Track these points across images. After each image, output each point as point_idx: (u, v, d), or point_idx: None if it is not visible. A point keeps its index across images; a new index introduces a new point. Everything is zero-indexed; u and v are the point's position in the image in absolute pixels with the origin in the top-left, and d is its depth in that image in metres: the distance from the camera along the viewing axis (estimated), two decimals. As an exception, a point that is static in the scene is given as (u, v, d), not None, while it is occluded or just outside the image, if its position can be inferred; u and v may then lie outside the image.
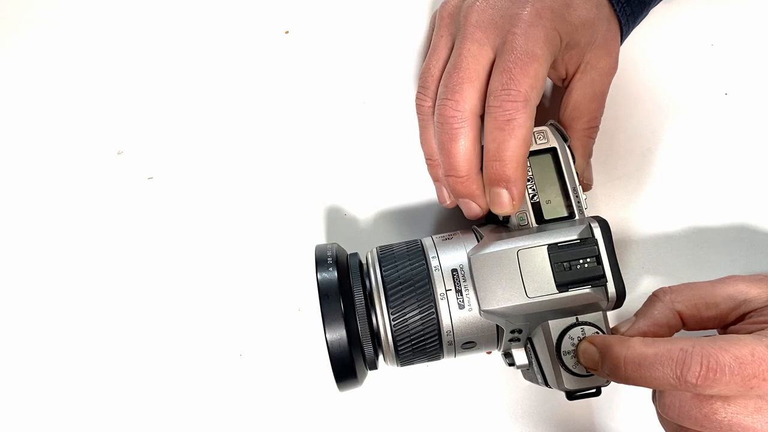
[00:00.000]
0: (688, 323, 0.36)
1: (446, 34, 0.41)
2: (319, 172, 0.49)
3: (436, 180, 0.43)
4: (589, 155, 0.43)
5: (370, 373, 0.45)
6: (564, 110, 0.42)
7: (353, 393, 0.45)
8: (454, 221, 0.47)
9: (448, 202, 0.42)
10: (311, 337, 0.46)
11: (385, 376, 0.46)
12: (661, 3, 0.46)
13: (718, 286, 0.36)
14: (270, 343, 0.47)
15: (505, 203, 0.37)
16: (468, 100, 0.37)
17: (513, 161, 0.36)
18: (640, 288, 0.45)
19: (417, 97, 0.41)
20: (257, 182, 0.49)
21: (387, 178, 0.48)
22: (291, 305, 0.47)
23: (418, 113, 0.42)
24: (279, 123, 0.50)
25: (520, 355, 0.38)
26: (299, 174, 0.49)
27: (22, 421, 0.47)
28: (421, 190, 0.47)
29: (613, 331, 0.37)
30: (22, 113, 0.51)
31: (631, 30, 0.44)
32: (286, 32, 0.51)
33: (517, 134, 0.36)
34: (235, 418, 0.46)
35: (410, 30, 0.50)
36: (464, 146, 0.37)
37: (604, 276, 0.35)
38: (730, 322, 0.36)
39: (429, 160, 0.42)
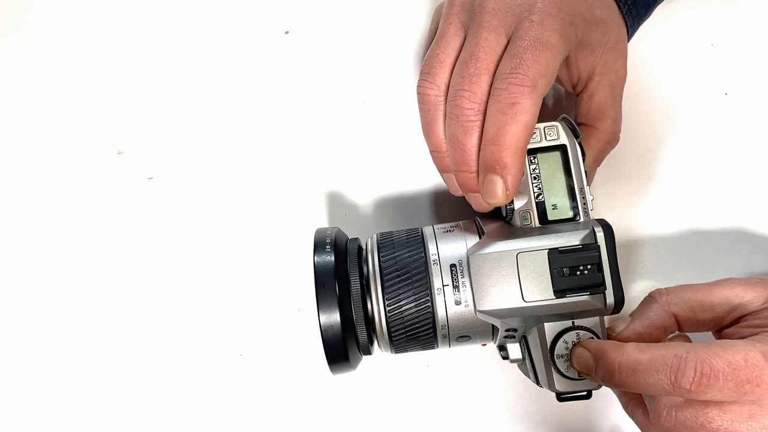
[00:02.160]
0: (683, 325, 0.36)
1: (456, 22, 0.39)
2: (320, 173, 0.49)
3: (444, 171, 0.40)
4: (600, 163, 0.43)
5: (369, 372, 0.45)
6: (587, 112, 0.42)
7: (353, 393, 0.46)
8: (458, 211, 0.47)
9: (461, 192, 0.40)
10: (311, 337, 0.46)
11: (385, 374, 0.46)
12: (661, 3, 0.47)
13: (714, 289, 0.36)
14: (270, 343, 0.47)
15: (497, 192, 0.35)
16: (485, 91, 0.36)
17: (512, 147, 0.34)
18: (639, 290, 0.46)
19: (420, 85, 0.38)
20: (257, 183, 0.49)
21: (387, 177, 0.48)
22: (291, 305, 0.47)
23: (420, 102, 0.39)
24: (279, 124, 0.50)
25: (514, 350, 0.38)
26: (299, 175, 0.49)
27: (22, 421, 0.47)
28: (420, 185, 0.48)
29: (609, 330, 0.37)
30: (22, 113, 0.52)
31: (635, 32, 0.44)
32: (286, 32, 0.52)
33: (520, 119, 0.34)
34: (235, 418, 0.46)
35: (410, 30, 0.51)
36: (478, 140, 0.36)
37: (603, 284, 0.35)
38: (725, 324, 0.36)
39: (436, 152, 0.40)
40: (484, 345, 0.46)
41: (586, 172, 0.37)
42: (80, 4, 0.53)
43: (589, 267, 0.35)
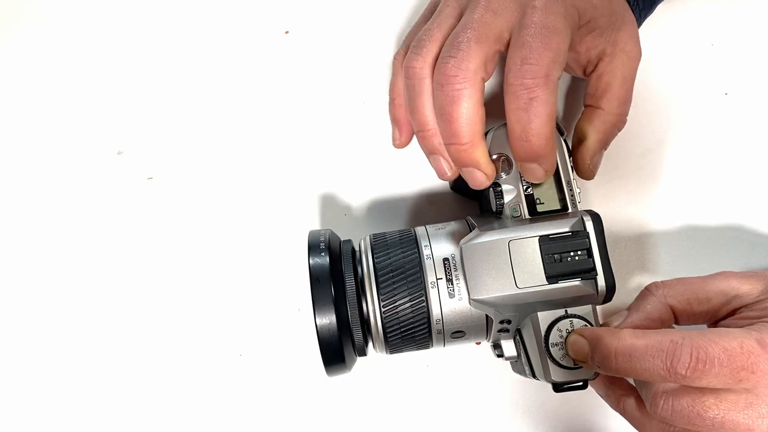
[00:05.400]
0: (680, 318, 0.38)
1: (454, 3, 0.39)
2: (320, 173, 0.50)
3: (431, 153, 0.40)
4: (606, 146, 0.43)
5: (370, 372, 0.46)
6: (594, 92, 0.42)
7: (353, 393, 0.47)
8: (449, 212, 0.48)
9: (449, 174, 0.40)
10: (311, 337, 0.47)
11: (385, 374, 0.47)
12: (661, 3, 0.47)
13: (711, 282, 0.37)
14: (270, 343, 0.48)
15: (539, 175, 0.37)
16: (474, 59, 0.36)
17: (541, 139, 0.36)
18: (639, 287, 0.46)
19: (409, 58, 0.39)
20: (257, 183, 0.50)
21: (387, 177, 0.49)
22: (291, 305, 0.48)
23: (408, 77, 0.39)
24: (279, 124, 0.51)
25: (508, 347, 0.40)
26: (299, 175, 0.50)
27: (23, 421, 0.48)
28: (418, 183, 0.49)
29: (605, 324, 0.39)
30: (22, 113, 0.53)
31: (641, 24, 0.45)
32: (286, 32, 0.53)
33: (541, 112, 0.35)
34: (235, 418, 0.47)
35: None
36: (467, 109, 0.36)
37: (594, 269, 0.36)
38: (721, 317, 0.37)
39: (421, 131, 0.39)
40: (479, 343, 0.46)
41: (572, 167, 0.39)
42: (80, 4, 0.54)
43: (579, 253, 0.36)
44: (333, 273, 0.39)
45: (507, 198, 0.39)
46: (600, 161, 0.43)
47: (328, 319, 0.38)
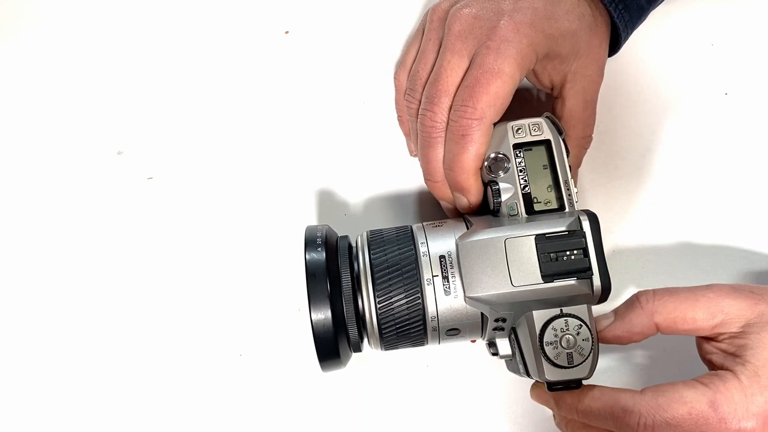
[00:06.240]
0: (663, 331, 0.39)
1: (434, 38, 0.43)
2: (320, 173, 0.50)
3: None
4: (578, 165, 0.45)
5: (370, 372, 0.46)
6: (560, 117, 0.44)
7: (353, 393, 0.47)
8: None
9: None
10: (311, 337, 0.47)
11: (385, 374, 0.47)
12: (661, 3, 0.47)
13: (700, 301, 0.37)
14: (270, 343, 0.48)
15: (462, 205, 0.42)
16: (445, 110, 0.40)
17: (464, 173, 0.40)
18: (636, 287, 0.47)
19: (406, 99, 0.44)
20: (257, 183, 0.50)
21: (385, 176, 0.50)
22: (291, 305, 0.48)
23: (408, 115, 0.44)
24: (279, 123, 0.51)
25: (503, 345, 0.40)
26: (300, 174, 0.50)
27: (23, 421, 0.48)
28: (416, 182, 0.49)
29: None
30: (22, 113, 0.53)
31: (630, 34, 0.46)
32: (286, 32, 0.53)
33: (469, 149, 0.39)
34: (235, 418, 0.47)
35: (410, 31, 0.52)
36: (440, 154, 0.41)
37: (589, 269, 0.36)
38: (706, 333, 0.38)
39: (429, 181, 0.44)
40: (474, 341, 0.46)
41: (570, 166, 0.40)
42: (80, 4, 0.54)
43: (575, 252, 0.36)
44: (329, 268, 0.39)
45: (504, 196, 0.39)
46: (576, 179, 0.46)
47: (323, 314, 0.38)
